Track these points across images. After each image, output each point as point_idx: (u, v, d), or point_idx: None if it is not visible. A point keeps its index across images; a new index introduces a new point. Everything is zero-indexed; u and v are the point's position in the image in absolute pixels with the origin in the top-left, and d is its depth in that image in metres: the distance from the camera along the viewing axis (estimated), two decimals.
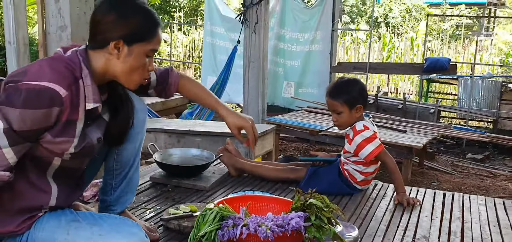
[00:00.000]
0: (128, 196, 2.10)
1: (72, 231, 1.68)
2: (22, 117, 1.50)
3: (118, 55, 1.67)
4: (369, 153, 2.72)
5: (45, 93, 1.51)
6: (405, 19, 21.62)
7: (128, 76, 1.73)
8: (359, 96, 2.75)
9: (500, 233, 2.35)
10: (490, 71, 12.14)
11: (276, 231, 1.75)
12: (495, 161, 7.74)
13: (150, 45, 1.72)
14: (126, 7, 1.68)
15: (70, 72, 1.60)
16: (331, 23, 9.04)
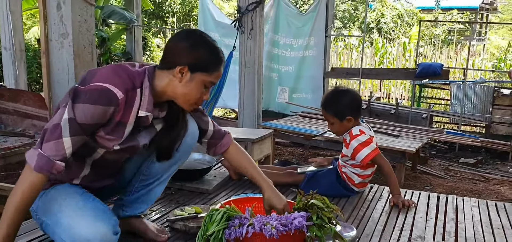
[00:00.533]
0: (142, 205, 2.19)
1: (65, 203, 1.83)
2: (84, 111, 1.70)
3: (180, 78, 1.86)
4: (365, 156, 2.82)
5: (105, 93, 1.72)
6: (397, 25, 21.83)
7: (185, 99, 1.91)
8: (347, 109, 2.85)
9: (492, 234, 2.45)
10: (482, 76, 12.31)
11: (280, 229, 1.84)
12: (487, 166, 7.86)
13: (211, 78, 1.90)
14: (198, 40, 1.88)
15: (130, 81, 1.81)
16: (324, 29, 9.15)
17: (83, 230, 1.74)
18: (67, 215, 1.79)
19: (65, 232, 1.77)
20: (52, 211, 1.83)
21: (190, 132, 2.16)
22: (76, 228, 1.75)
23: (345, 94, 2.90)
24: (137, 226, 2.18)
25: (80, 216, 1.77)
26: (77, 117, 1.70)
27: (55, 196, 1.86)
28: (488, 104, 9.43)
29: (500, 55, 16.87)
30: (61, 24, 4.09)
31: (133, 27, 9.40)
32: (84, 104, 1.70)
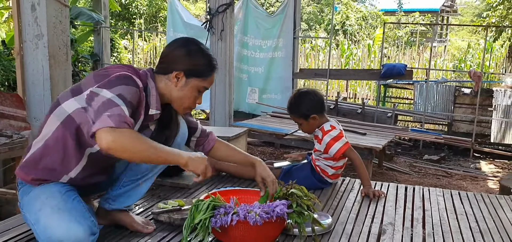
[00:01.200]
0: (128, 200, 2.26)
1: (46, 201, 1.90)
2: (123, 90, 1.82)
3: (176, 83, 2.02)
4: (337, 150, 2.98)
5: (131, 78, 1.87)
6: (361, 27, 22.28)
7: (179, 103, 2.07)
8: (311, 108, 3.02)
9: (456, 219, 2.64)
10: (444, 76, 12.72)
11: (263, 216, 1.96)
12: (450, 162, 8.18)
13: (204, 83, 2.07)
14: (194, 48, 2.05)
15: (138, 75, 1.97)
16: (292, 31, 9.32)
17: (57, 231, 1.81)
18: (45, 215, 1.86)
19: (41, 232, 1.85)
20: (34, 209, 1.90)
21: (181, 133, 2.29)
22: (51, 228, 1.82)
23: (306, 95, 3.07)
24: (123, 219, 2.25)
25: (57, 217, 1.84)
26: (122, 93, 1.80)
27: (39, 194, 1.93)
28: (449, 103, 9.77)
29: (460, 55, 17.43)
30: (35, 25, 4.09)
31: (101, 29, 9.36)
32: (119, 86, 1.81)
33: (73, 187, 2.01)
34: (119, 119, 1.75)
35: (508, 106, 9.17)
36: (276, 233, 2.14)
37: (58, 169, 1.96)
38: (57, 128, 1.92)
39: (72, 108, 1.90)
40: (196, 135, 2.43)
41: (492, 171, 7.49)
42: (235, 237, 2.04)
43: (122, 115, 1.76)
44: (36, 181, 1.96)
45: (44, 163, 1.95)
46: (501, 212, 2.81)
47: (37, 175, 1.96)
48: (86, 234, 1.85)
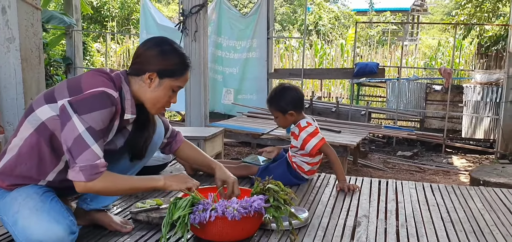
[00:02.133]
0: (106, 200, 2.26)
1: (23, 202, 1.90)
2: (95, 119, 1.82)
3: (150, 84, 2.00)
4: (313, 146, 3.03)
5: (105, 96, 1.84)
6: (334, 27, 22.51)
7: (153, 103, 2.04)
8: (288, 104, 3.08)
9: (428, 210, 2.72)
10: (415, 74, 12.96)
11: (241, 211, 1.99)
12: (423, 157, 8.35)
13: (178, 82, 2.03)
14: (166, 48, 2.01)
15: (112, 82, 1.93)
16: (266, 31, 9.38)
17: (36, 232, 1.81)
18: (24, 216, 1.85)
19: (20, 233, 1.84)
20: (12, 211, 1.89)
21: (158, 132, 2.30)
22: (30, 229, 1.82)
23: (287, 90, 3.13)
24: (101, 219, 2.25)
25: (35, 218, 1.84)
26: (92, 125, 1.81)
27: (16, 196, 1.92)
28: (421, 100, 9.97)
29: (431, 53, 17.76)
30: (6, 28, 4.04)
31: (73, 32, 9.26)
32: (92, 113, 1.81)
33: (51, 188, 2.01)
34: (90, 172, 1.82)
35: (477, 102, 9.40)
36: (254, 228, 2.18)
37: (34, 175, 1.96)
38: (30, 134, 1.90)
39: (46, 115, 1.88)
40: (167, 135, 2.42)
41: (464, 165, 7.67)
42: (213, 233, 2.07)
43: (94, 165, 1.82)
44: (12, 186, 1.95)
45: (19, 171, 1.94)
46: (471, 202, 2.90)
47: (12, 181, 1.95)
48: (65, 233, 1.85)
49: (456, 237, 2.31)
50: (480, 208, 2.78)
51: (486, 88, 9.29)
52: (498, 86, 9.17)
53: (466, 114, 9.51)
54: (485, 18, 12.87)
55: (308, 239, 2.21)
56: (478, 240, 2.29)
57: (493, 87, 9.24)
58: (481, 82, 9.67)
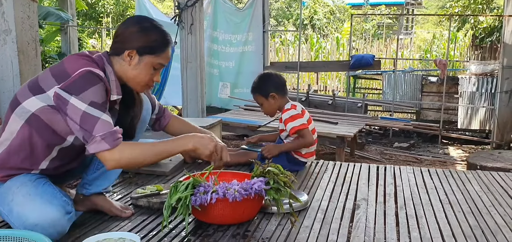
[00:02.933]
0: (104, 182, 2.27)
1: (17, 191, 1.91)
2: (92, 95, 1.82)
3: (130, 62, 1.99)
4: (291, 127, 3.09)
5: (91, 74, 1.85)
6: (329, 21, 22.53)
7: (135, 81, 2.04)
8: (270, 86, 3.15)
9: (427, 193, 2.74)
10: (411, 66, 12.99)
11: (242, 193, 2.01)
12: (419, 149, 8.37)
13: (159, 59, 2.02)
14: (146, 25, 2.01)
15: (95, 64, 1.93)
16: (262, 25, 9.38)
17: (31, 216, 1.82)
18: (18, 203, 1.87)
19: (16, 220, 1.86)
20: (6, 201, 1.91)
21: (145, 108, 2.30)
22: (25, 214, 1.83)
23: (267, 75, 3.23)
24: (101, 204, 2.26)
25: (29, 203, 1.85)
26: (92, 99, 1.81)
27: (10, 186, 1.93)
28: (417, 92, 10.00)
29: (426, 47, 17.80)
30: (3, 20, 4.03)
31: (68, 28, 9.23)
32: (87, 91, 1.81)
33: (45, 176, 2.02)
34: (112, 138, 1.83)
35: (473, 92, 9.43)
36: (255, 210, 2.19)
37: (27, 166, 1.97)
38: (21, 127, 1.90)
39: (35, 107, 1.87)
40: (155, 111, 2.43)
41: (460, 156, 7.71)
42: (214, 215, 2.08)
43: (111, 131, 1.83)
44: (6, 177, 1.96)
45: (12, 163, 1.95)
46: (469, 185, 2.93)
47: (6, 173, 1.96)
48: (60, 214, 1.87)
49: (454, 218, 2.33)
50: (478, 190, 2.81)
51: (481, 79, 9.33)
52: (493, 77, 9.21)
53: (462, 105, 9.55)
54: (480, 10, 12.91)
55: (308, 221, 2.23)
56: (476, 220, 2.31)
57: (488, 78, 9.27)
58: (476, 73, 9.69)
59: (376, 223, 2.24)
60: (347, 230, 2.15)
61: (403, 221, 2.27)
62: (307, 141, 3.11)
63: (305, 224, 2.20)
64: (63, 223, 1.89)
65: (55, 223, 1.85)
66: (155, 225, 2.15)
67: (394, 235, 2.09)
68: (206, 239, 2.00)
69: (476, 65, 10.01)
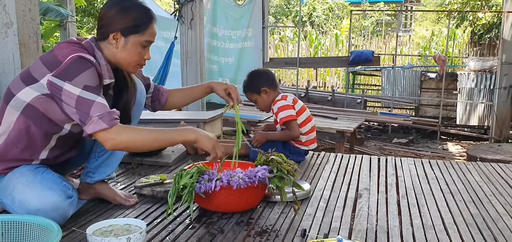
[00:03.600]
0: (107, 169, 2.28)
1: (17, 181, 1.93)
2: (85, 79, 1.82)
3: (116, 45, 1.97)
4: (280, 117, 3.13)
5: (82, 59, 1.84)
6: (328, 18, 22.53)
7: (126, 63, 2.02)
8: (261, 82, 3.18)
9: (428, 183, 2.77)
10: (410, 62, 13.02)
11: (246, 181, 2.02)
12: (418, 144, 8.40)
13: (144, 37, 1.99)
14: (125, 4, 1.97)
15: (85, 50, 1.92)
16: (261, 21, 9.39)
17: (32, 202, 1.84)
18: (19, 192, 1.89)
19: (19, 208, 1.88)
20: (8, 191, 1.93)
21: (140, 90, 2.28)
22: (26, 201, 1.85)
23: (256, 72, 3.28)
24: (105, 193, 2.28)
25: (29, 190, 1.87)
26: (86, 83, 1.81)
27: (10, 177, 1.96)
28: (416, 88, 10.02)
29: (425, 44, 17.83)
30: (4, 13, 4.03)
31: (67, 24, 9.24)
32: (80, 75, 1.80)
33: (45, 165, 2.04)
34: (109, 118, 1.82)
35: (472, 89, 9.45)
36: (258, 198, 2.21)
37: (27, 156, 1.98)
38: (17, 118, 1.91)
39: (30, 97, 1.87)
40: (150, 91, 2.42)
41: (459, 151, 7.73)
42: (218, 203, 2.10)
43: (109, 111, 1.83)
44: (7, 170, 1.99)
45: (11, 155, 1.97)
46: (469, 175, 2.95)
47: (6, 166, 1.98)
48: (60, 198, 1.89)
49: (456, 207, 2.35)
50: (478, 181, 2.83)
51: (480, 75, 9.34)
52: (491, 73, 9.22)
53: (461, 101, 9.57)
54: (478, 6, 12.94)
55: (311, 209, 2.25)
56: (477, 209, 2.33)
57: (487, 74, 9.29)
58: (475, 69, 9.71)
59: (378, 211, 2.26)
60: (349, 218, 2.17)
61: (405, 210, 2.29)
62: (293, 133, 3.13)
63: (308, 212, 2.22)
64: (64, 206, 1.91)
65: (57, 207, 1.87)
66: (159, 213, 2.17)
67: (396, 223, 2.11)
68: (210, 226, 2.01)
69: (475, 61, 10.03)
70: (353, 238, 1.92)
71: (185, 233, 1.94)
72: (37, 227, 1.64)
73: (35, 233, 1.64)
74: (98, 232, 1.73)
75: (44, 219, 1.66)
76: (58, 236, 1.52)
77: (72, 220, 2.03)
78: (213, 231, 1.96)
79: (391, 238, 1.93)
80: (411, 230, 2.03)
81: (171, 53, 7.26)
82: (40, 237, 1.62)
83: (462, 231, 2.03)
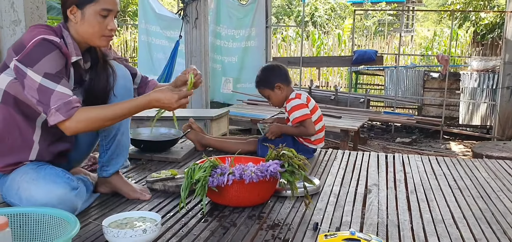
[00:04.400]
0: (119, 159, 2.30)
1: (21, 179, 1.96)
2: (47, 64, 1.83)
3: (76, 20, 1.95)
4: (294, 118, 3.12)
5: (45, 42, 1.84)
6: (330, 18, 22.55)
7: (90, 36, 1.98)
8: (274, 77, 3.17)
9: (436, 179, 2.79)
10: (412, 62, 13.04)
11: (258, 175, 2.05)
12: (421, 144, 8.42)
13: (101, 5, 1.93)
14: None
15: (52, 31, 1.92)
16: (265, 20, 9.41)
17: (38, 197, 1.88)
18: (24, 189, 1.93)
19: (26, 205, 1.90)
20: (14, 191, 1.97)
21: (122, 75, 2.23)
22: (33, 197, 1.89)
23: (270, 67, 3.26)
24: (120, 187, 2.30)
25: (34, 186, 1.91)
26: (46, 71, 1.82)
27: (14, 177, 2.00)
28: (419, 87, 10.04)
29: (427, 44, 17.85)
30: (12, 11, 4.07)
31: None
32: (41, 60, 1.82)
33: (46, 162, 2.07)
34: (66, 109, 1.83)
35: (474, 88, 9.48)
36: (269, 193, 2.23)
37: (21, 145, 2.01)
38: (0, 109, 1.95)
39: (4, 83, 1.91)
40: (136, 82, 2.39)
41: (462, 151, 7.76)
42: (230, 197, 2.12)
43: (66, 101, 1.84)
44: (8, 168, 2.02)
45: (5, 146, 2.00)
46: (476, 172, 2.97)
47: (5, 162, 2.02)
48: (65, 190, 1.92)
49: (464, 202, 2.37)
50: (486, 177, 2.85)
51: (483, 75, 9.37)
52: (494, 73, 9.26)
53: (463, 101, 9.59)
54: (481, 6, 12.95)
55: (321, 204, 2.27)
56: (486, 204, 2.35)
57: (490, 74, 9.32)
58: (478, 69, 9.75)
59: (388, 206, 2.28)
60: (360, 212, 2.19)
61: (415, 204, 2.31)
62: (308, 131, 3.13)
63: (319, 206, 2.24)
64: (70, 197, 1.94)
65: (63, 199, 1.90)
66: (171, 207, 2.19)
67: (406, 217, 2.13)
68: (222, 219, 2.04)
69: (478, 61, 10.06)
70: (365, 231, 1.94)
71: (198, 226, 1.96)
72: (54, 219, 1.65)
73: (53, 225, 1.65)
74: (113, 224, 1.75)
75: (61, 211, 1.68)
76: (76, 227, 1.54)
77: (85, 213, 2.06)
78: (226, 224, 1.98)
79: (402, 231, 1.95)
80: (421, 224, 2.05)
81: (176, 52, 7.29)
82: (57, 229, 1.64)
83: (472, 225, 2.05)
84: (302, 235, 1.88)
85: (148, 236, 1.68)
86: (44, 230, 1.66)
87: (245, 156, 2.51)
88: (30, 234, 1.66)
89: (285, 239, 1.84)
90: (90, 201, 2.19)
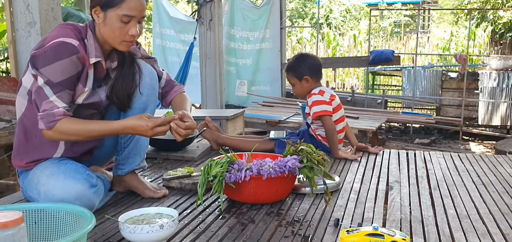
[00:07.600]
0: (136, 158, 2.27)
1: (41, 173, 1.96)
2: (54, 70, 1.85)
3: (98, 20, 1.95)
4: (314, 111, 3.06)
5: (62, 45, 1.85)
6: (345, 19, 22.44)
7: (111, 38, 1.96)
8: (306, 69, 3.11)
9: (459, 175, 2.71)
10: (430, 62, 12.88)
11: (277, 170, 2.00)
12: (440, 144, 8.29)
13: (122, 10, 1.91)
14: None
15: (77, 32, 1.93)
16: (279, 22, 9.37)
17: (56, 192, 1.87)
18: (43, 183, 1.92)
19: (44, 200, 1.89)
20: (33, 185, 1.97)
21: (148, 73, 2.21)
22: (51, 191, 1.88)
23: (305, 56, 3.19)
24: (135, 185, 2.27)
25: (53, 181, 1.90)
26: (50, 78, 1.84)
27: (35, 171, 2.00)
28: (437, 88, 9.89)
29: (443, 44, 17.64)
30: (27, 12, 4.08)
31: None
32: (50, 65, 1.83)
33: (68, 159, 2.05)
34: (47, 120, 1.85)
35: (493, 88, 9.31)
36: (287, 190, 2.18)
37: (47, 143, 2.00)
38: (26, 107, 1.97)
39: (30, 82, 1.93)
40: (161, 83, 2.34)
41: (482, 152, 7.61)
42: (248, 194, 2.07)
43: (51, 113, 1.85)
44: (31, 164, 2.02)
45: (31, 144, 2.00)
46: (500, 167, 2.89)
47: (29, 158, 2.02)
48: (84, 186, 1.91)
49: (490, 197, 2.30)
50: (510, 172, 2.77)
51: (502, 74, 9.21)
52: None
53: (482, 100, 9.43)
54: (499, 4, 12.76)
55: (342, 201, 2.21)
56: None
57: (509, 73, 9.15)
58: (497, 68, 9.57)
59: (411, 202, 2.21)
60: (382, 209, 2.12)
61: (438, 200, 2.24)
62: (327, 128, 3.06)
63: (339, 203, 2.18)
64: (88, 195, 1.92)
65: (81, 196, 1.88)
66: (188, 204, 2.15)
67: (430, 213, 2.06)
68: (240, 216, 1.99)
69: (497, 60, 9.89)
70: (388, 227, 1.87)
71: (216, 222, 1.91)
72: (70, 215, 1.62)
73: (68, 221, 1.62)
74: (130, 220, 1.72)
75: (77, 207, 1.65)
76: (92, 222, 1.51)
77: (101, 211, 2.03)
78: (244, 221, 1.93)
79: (426, 227, 1.89)
80: (446, 219, 1.98)
81: (190, 54, 7.28)
82: (73, 224, 1.61)
83: (499, 220, 1.97)
84: (323, 232, 1.82)
85: (165, 232, 1.64)
86: (59, 226, 1.63)
87: (262, 153, 2.46)
88: (46, 230, 1.63)
89: (306, 235, 1.79)
90: (106, 199, 2.16)
